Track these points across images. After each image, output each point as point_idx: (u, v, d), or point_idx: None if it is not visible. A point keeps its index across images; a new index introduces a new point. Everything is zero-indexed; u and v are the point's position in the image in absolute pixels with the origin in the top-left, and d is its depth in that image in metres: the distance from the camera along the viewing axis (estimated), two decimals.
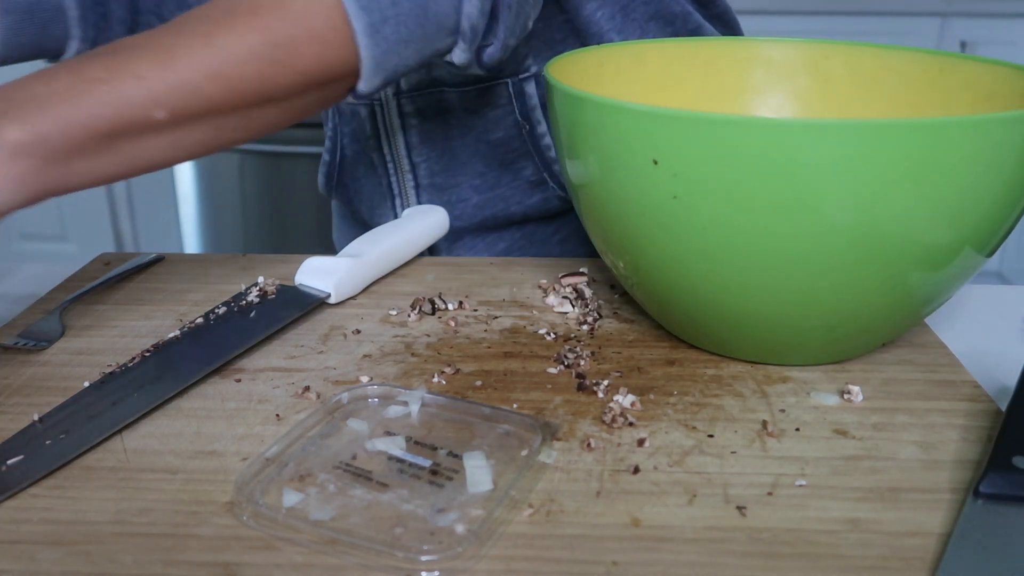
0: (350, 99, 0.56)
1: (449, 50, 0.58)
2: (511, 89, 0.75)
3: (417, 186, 0.80)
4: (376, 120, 0.80)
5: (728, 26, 0.82)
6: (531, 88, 0.75)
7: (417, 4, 0.53)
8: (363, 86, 0.54)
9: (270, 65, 0.49)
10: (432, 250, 0.79)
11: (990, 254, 0.50)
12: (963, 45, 2.33)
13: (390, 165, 0.81)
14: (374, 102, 0.79)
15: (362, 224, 0.89)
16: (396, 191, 0.81)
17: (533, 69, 0.75)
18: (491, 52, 0.60)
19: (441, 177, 0.79)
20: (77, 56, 0.49)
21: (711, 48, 0.67)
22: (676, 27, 0.78)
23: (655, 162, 0.46)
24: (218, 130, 0.51)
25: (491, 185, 0.78)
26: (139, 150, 0.48)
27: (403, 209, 0.81)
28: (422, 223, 0.72)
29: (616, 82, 0.63)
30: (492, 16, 0.58)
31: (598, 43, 0.74)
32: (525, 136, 0.76)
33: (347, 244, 0.67)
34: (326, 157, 0.89)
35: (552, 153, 0.77)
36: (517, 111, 0.75)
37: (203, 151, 0.51)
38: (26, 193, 0.45)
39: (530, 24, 0.63)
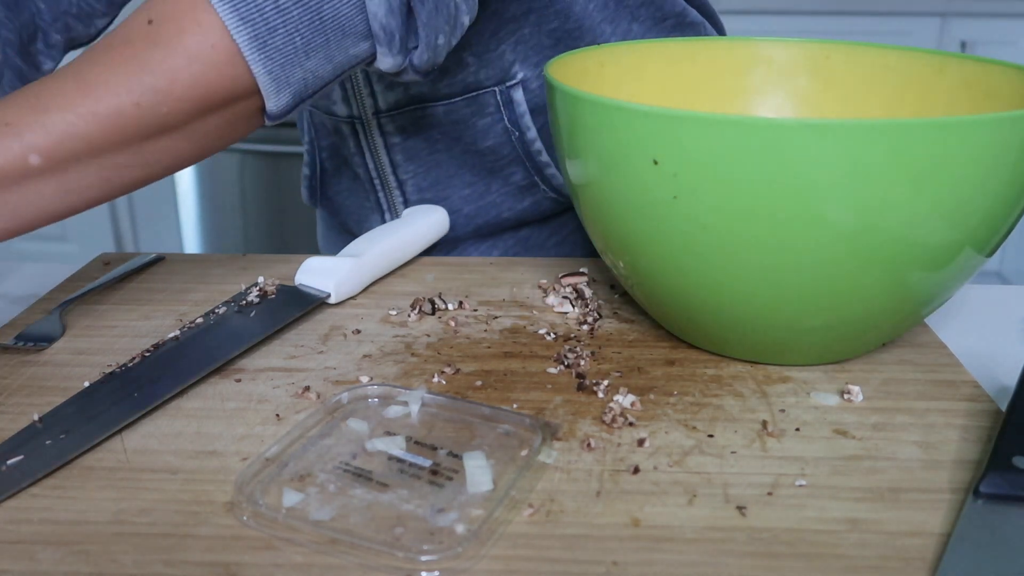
0: (267, 122, 0.52)
1: (371, 57, 0.53)
2: (499, 97, 0.74)
3: (406, 202, 0.80)
4: (359, 138, 0.79)
5: (703, 10, 0.83)
6: (519, 95, 0.74)
7: (308, 9, 0.48)
8: (272, 105, 0.50)
9: (147, 94, 0.46)
10: (431, 251, 0.79)
11: (990, 254, 0.50)
12: (963, 45, 2.33)
13: (376, 182, 0.80)
14: (355, 120, 0.77)
15: (350, 233, 0.89)
16: (385, 206, 0.81)
17: (520, 76, 0.73)
18: (419, 54, 0.54)
19: (430, 192, 0.79)
20: None
21: (711, 48, 0.67)
22: (665, 11, 0.78)
23: (655, 162, 0.46)
24: (110, 170, 0.48)
25: (481, 193, 0.78)
26: (24, 200, 0.46)
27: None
28: (422, 223, 0.72)
29: (616, 82, 0.63)
30: (406, 12, 0.52)
31: (591, 37, 0.73)
32: (515, 143, 0.75)
33: (333, 250, 0.67)
34: (306, 171, 0.88)
35: (543, 157, 0.76)
36: (506, 119, 0.74)
37: (101, 195, 0.49)
38: None
39: (465, 20, 0.57)
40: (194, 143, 0.50)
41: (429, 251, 0.75)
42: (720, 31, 0.84)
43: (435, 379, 0.53)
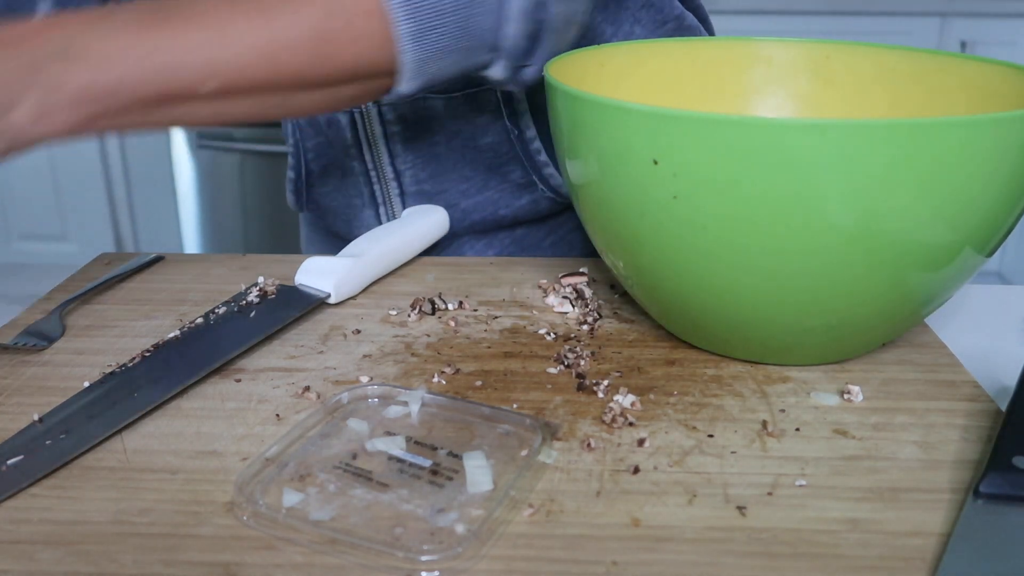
0: (385, 99, 0.58)
1: (489, 65, 0.59)
2: (499, 95, 0.74)
3: (402, 193, 0.79)
4: (357, 129, 0.79)
5: (698, 13, 0.83)
6: (519, 93, 0.74)
7: (459, 18, 0.54)
8: (404, 87, 0.56)
9: (315, 56, 0.52)
10: (431, 251, 0.79)
11: (990, 254, 0.50)
12: (963, 45, 2.33)
13: (372, 174, 0.80)
14: (353, 111, 0.78)
15: (336, 236, 0.88)
16: (380, 199, 0.81)
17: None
18: (530, 73, 0.60)
19: (428, 184, 0.78)
20: (131, 5, 0.51)
21: (711, 48, 0.67)
22: (665, 14, 0.78)
23: (655, 162, 0.46)
24: (258, 106, 0.54)
25: (479, 188, 0.78)
26: (182, 114, 0.52)
27: (388, 219, 0.81)
28: (422, 223, 0.72)
29: (616, 82, 0.63)
30: (536, 39, 0.58)
31: (591, 37, 0.73)
32: (514, 141, 0.75)
33: (320, 254, 0.67)
34: (291, 175, 0.87)
35: (542, 157, 0.76)
36: (506, 117, 0.75)
37: (242, 121, 0.55)
38: (73, 133, 0.49)
39: (573, 38, 0.64)
40: (331, 101, 0.57)
41: (428, 251, 0.75)
42: (711, 35, 0.84)
43: (435, 379, 0.53)
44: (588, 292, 0.63)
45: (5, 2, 0.65)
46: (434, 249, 0.78)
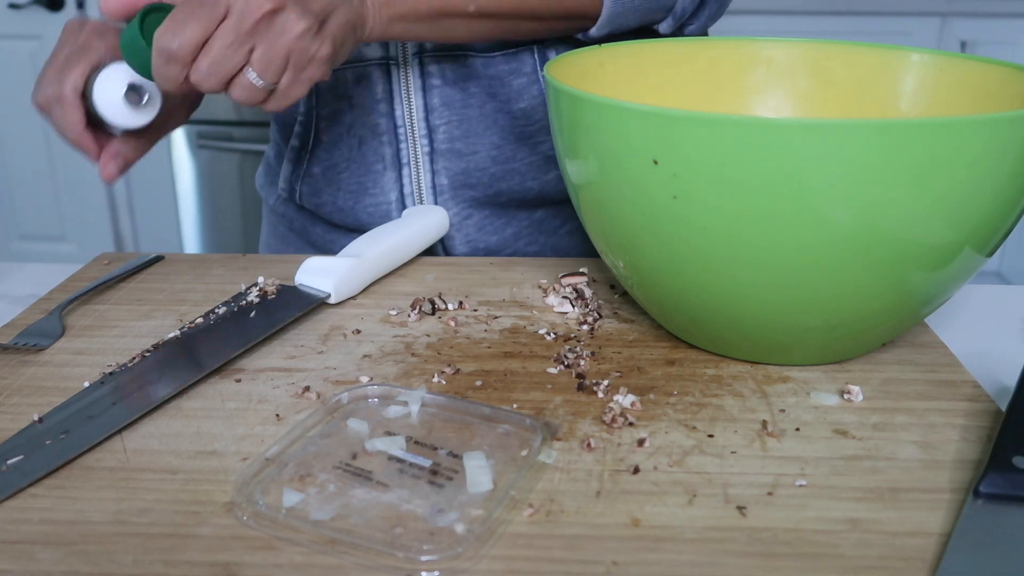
0: (580, 36, 0.75)
1: (659, 22, 0.75)
2: (536, 56, 0.75)
3: (432, 152, 0.78)
4: (391, 81, 0.78)
5: None
6: (553, 55, 0.76)
7: None
8: (595, 32, 0.73)
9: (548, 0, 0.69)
10: (432, 250, 0.79)
11: (990, 254, 0.50)
12: (963, 45, 2.33)
13: (401, 130, 0.78)
14: (389, 61, 0.77)
15: (325, 221, 0.85)
16: (406, 159, 0.79)
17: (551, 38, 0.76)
18: (692, 30, 0.77)
19: (461, 143, 0.78)
20: None
21: (711, 48, 0.67)
22: None
23: (655, 162, 0.46)
24: (500, 27, 0.70)
25: (508, 158, 0.78)
26: (449, 28, 0.68)
27: (411, 181, 0.79)
28: (422, 223, 0.72)
29: (616, 82, 0.63)
30: (702, 4, 0.75)
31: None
32: (548, 107, 0.75)
33: (281, 250, 0.66)
34: (295, 143, 0.84)
35: None
36: (542, 81, 0.75)
37: (487, 39, 0.71)
38: (380, 35, 0.65)
39: (724, 8, 0.79)
40: (546, 31, 0.73)
41: (429, 250, 0.75)
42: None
43: (435, 379, 0.53)
44: (588, 292, 0.63)
45: None
46: (454, 216, 0.78)
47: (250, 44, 0.56)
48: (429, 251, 0.76)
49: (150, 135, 0.65)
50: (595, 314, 0.61)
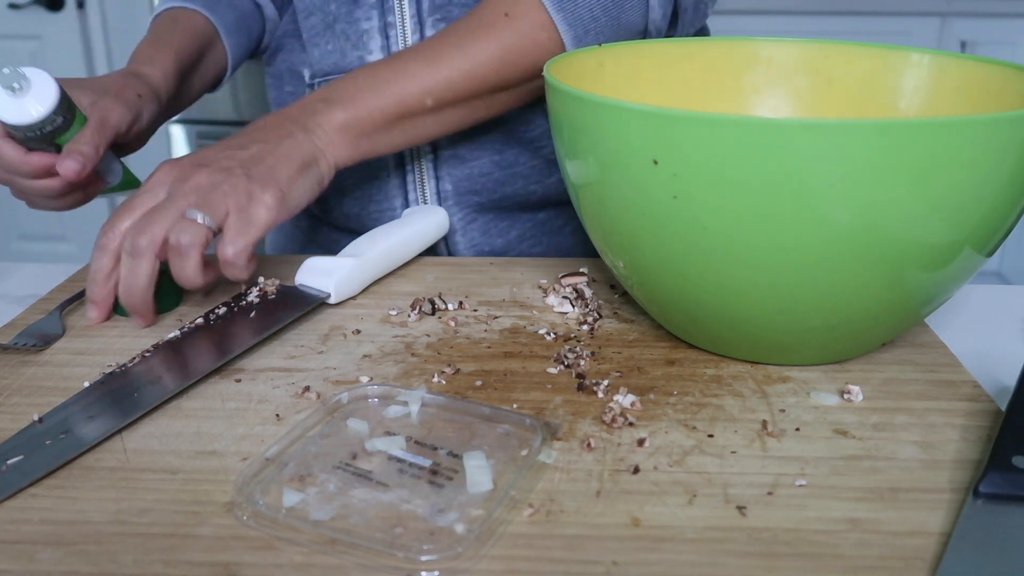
0: None
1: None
2: None
3: (436, 158, 0.78)
4: None
5: None
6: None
7: (612, 18, 0.68)
8: None
9: (503, 65, 0.67)
10: (432, 250, 0.79)
11: (990, 254, 0.50)
12: (963, 45, 2.33)
13: None
14: None
15: (333, 228, 0.86)
16: (409, 166, 0.79)
17: None
18: (676, 35, 0.74)
19: (463, 147, 0.78)
20: (370, 64, 0.68)
21: (711, 48, 0.67)
22: None
23: (655, 162, 0.46)
24: (470, 111, 0.69)
25: (510, 162, 0.78)
26: (416, 128, 0.68)
27: (415, 185, 0.79)
28: (422, 223, 0.72)
29: (616, 82, 0.63)
30: (675, 16, 0.73)
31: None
32: (547, 110, 0.75)
33: (291, 243, 0.67)
34: None
35: None
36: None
37: (460, 127, 0.70)
38: (348, 158, 0.65)
39: (709, 11, 0.77)
40: (519, 96, 0.71)
41: (431, 251, 0.75)
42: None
43: (435, 379, 0.53)
44: (588, 292, 0.63)
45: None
46: (458, 220, 0.78)
47: (190, 198, 0.57)
48: (430, 251, 0.76)
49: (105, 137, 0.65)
50: (595, 314, 0.61)
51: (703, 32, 0.83)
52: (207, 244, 0.57)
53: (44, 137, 0.62)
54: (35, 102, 0.60)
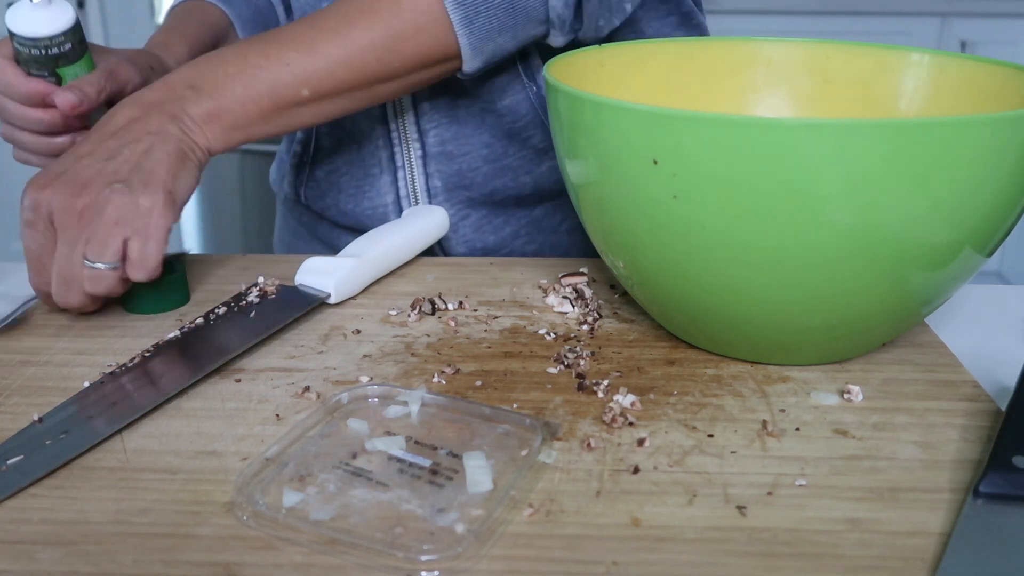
0: (459, 75, 0.68)
1: (545, 35, 0.68)
2: (516, 55, 0.74)
3: (424, 155, 0.78)
4: None
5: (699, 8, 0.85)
6: (534, 49, 0.75)
7: (507, 2, 0.63)
8: (467, 67, 0.66)
9: (387, 53, 0.63)
10: (430, 251, 0.79)
11: (990, 254, 0.50)
12: (963, 45, 2.33)
13: (395, 135, 0.79)
14: None
15: (328, 221, 0.86)
16: (400, 162, 0.79)
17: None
18: (582, 33, 0.69)
19: (452, 144, 0.78)
20: (239, 43, 0.64)
21: (711, 48, 0.67)
22: (683, 9, 0.80)
23: (655, 162, 0.46)
24: (350, 101, 0.65)
25: (499, 155, 0.78)
26: (292, 118, 0.63)
27: (406, 184, 0.79)
28: (422, 223, 0.72)
29: (616, 82, 0.63)
30: (578, 6, 0.66)
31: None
32: (532, 99, 0.75)
33: (295, 246, 0.67)
34: (297, 148, 0.85)
35: None
36: (522, 73, 0.75)
37: (341, 115, 0.66)
38: (222, 147, 0.61)
39: (628, 7, 0.70)
40: (406, 86, 0.67)
41: (429, 251, 0.75)
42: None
43: (435, 379, 0.53)
44: (588, 292, 0.63)
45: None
46: (453, 217, 0.78)
47: (81, 240, 0.55)
48: (428, 252, 0.76)
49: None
50: (595, 314, 0.61)
51: (700, 32, 0.83)
52: (121, 274, 0.57)
53: (49, 60, 0.63)
54: (50, 18, 0.61)
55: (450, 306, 0.63)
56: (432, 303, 0.62)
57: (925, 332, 0.58)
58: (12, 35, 0.62)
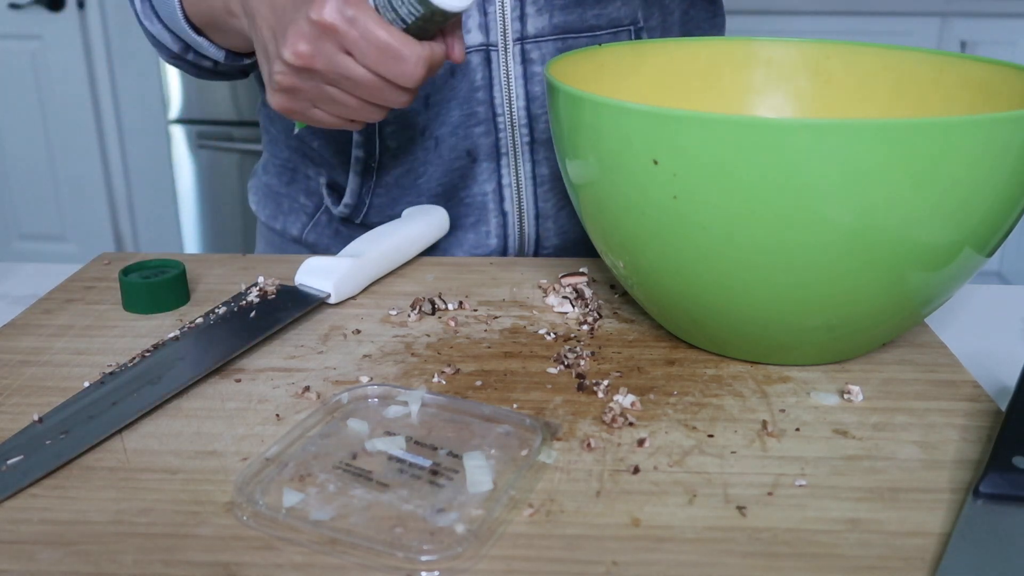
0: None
1: None
2: (632, 35, 0.74)
3: (532, 141, 0.74)
4: (491, 68, 0.73)
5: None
6: (645, 35, 0.75)
7: None
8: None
9: None
10: (523, 236, 0.78)
11: (990, 254, 0.50)
12: (963, 45, 2.33)
13: (500, 119, 0.74)
14: (490, 48, 0.72)
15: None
16: (504, 149, 0.75)
17: (642, 22, 0.75)
18: None
19: None
20: None
21: (711, 48, 0.67)
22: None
23: (655, 162, 0.46)
24: None
25: None
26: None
27: (509, 172, 0.75)
28: (422, 223, 0.72)
29: (616, 82, 0.63)
30: None
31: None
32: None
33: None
34: (359, 154, 0.76)
35: None
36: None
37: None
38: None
39: None
40: None
41: (429, 251, 0.75)
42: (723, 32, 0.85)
43: (435, 379, 0.53)
44: (588, 292, 0.63)
45: None
46: (547, 214, 0.76)
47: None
48: (430, 251, 0.75)
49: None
50: (595, 314, 0.61)
51: (718, 13, 0.83)
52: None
53: (435, 27, 0.58)
54: None
55: (450, 306, 0.63)
56: (432, 303, 0.62)
57: (925, 332, 0.58)
58: (440, 9, 0.55)
